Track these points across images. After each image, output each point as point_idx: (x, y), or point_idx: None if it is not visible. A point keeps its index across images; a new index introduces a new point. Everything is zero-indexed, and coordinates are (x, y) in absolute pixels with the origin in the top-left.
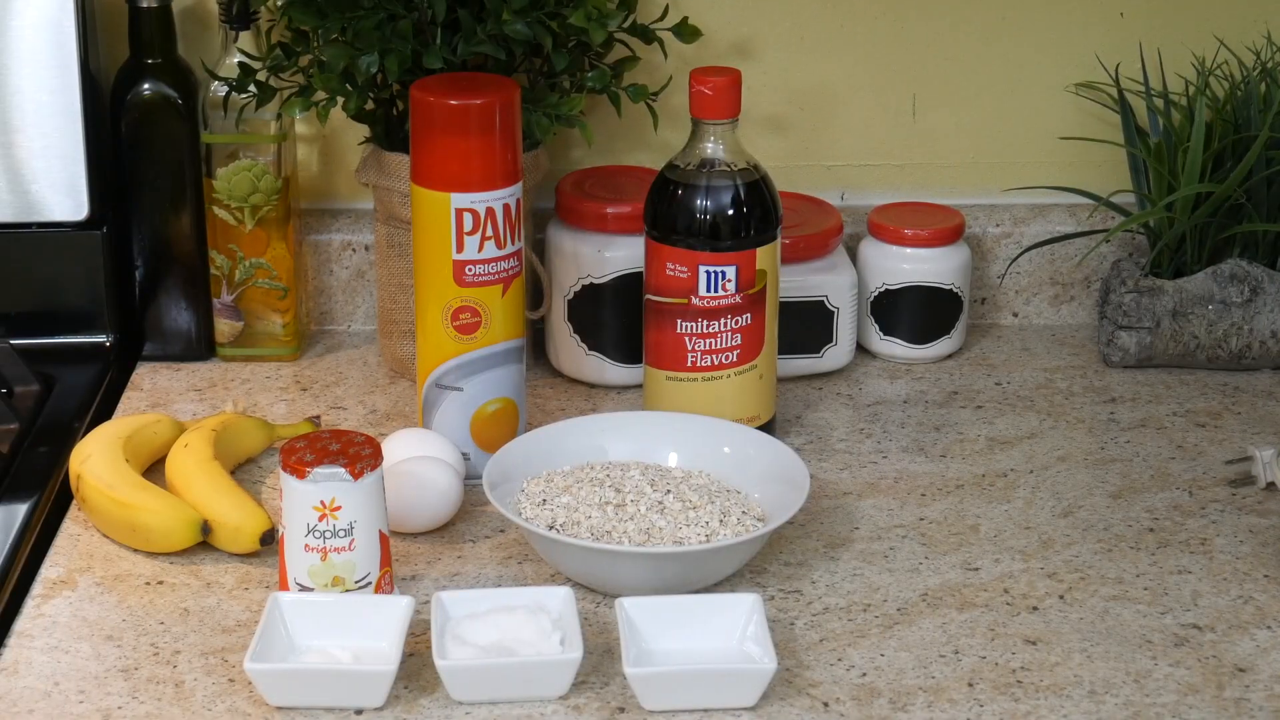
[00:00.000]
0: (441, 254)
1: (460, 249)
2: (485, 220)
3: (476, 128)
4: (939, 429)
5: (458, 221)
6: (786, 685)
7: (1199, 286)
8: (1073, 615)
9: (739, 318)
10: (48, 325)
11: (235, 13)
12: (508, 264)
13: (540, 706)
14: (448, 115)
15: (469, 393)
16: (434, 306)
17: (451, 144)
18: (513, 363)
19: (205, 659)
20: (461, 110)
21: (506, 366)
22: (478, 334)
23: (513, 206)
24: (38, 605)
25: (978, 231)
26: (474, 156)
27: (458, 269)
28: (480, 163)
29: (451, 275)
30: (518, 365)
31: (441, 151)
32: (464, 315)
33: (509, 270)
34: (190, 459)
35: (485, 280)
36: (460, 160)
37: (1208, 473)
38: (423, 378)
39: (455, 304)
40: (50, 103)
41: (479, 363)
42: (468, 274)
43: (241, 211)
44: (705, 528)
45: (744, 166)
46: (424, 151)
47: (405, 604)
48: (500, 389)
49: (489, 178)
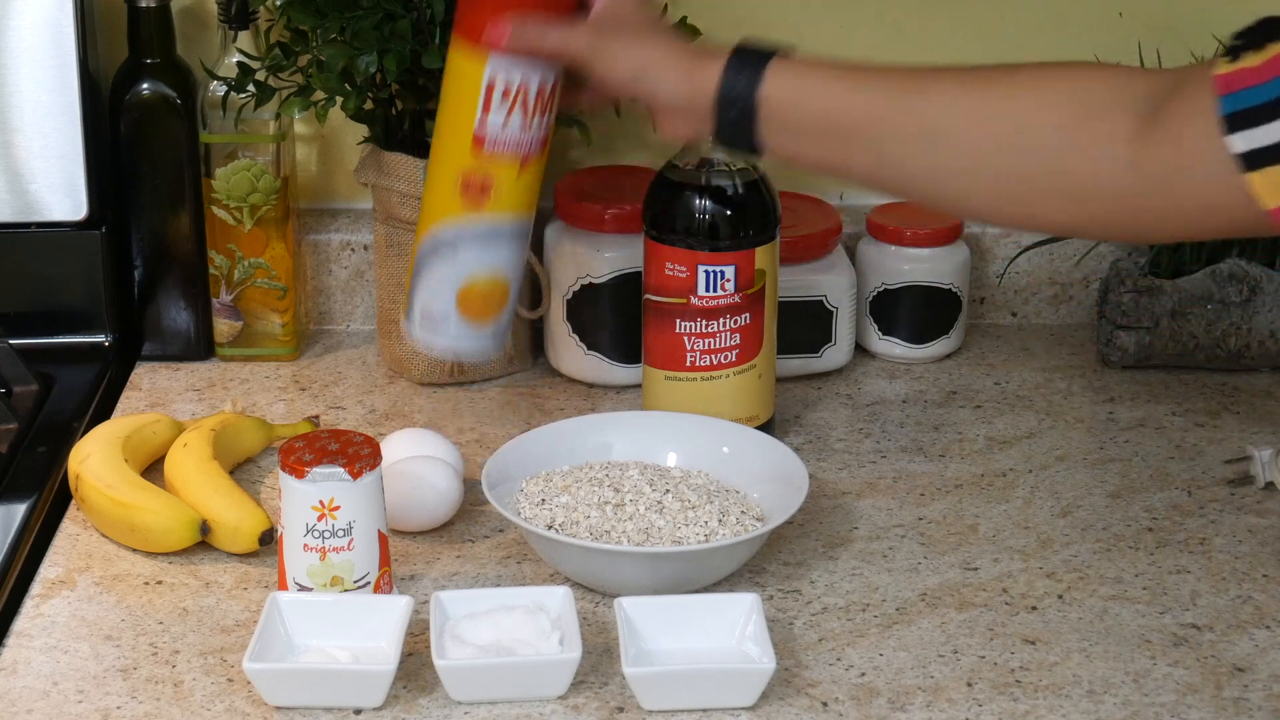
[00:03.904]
0: (465, 117)
1: (485, 116)
2: (517, 93)
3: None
4: (938, 429)
5: (487, 88)
6: (785, 685)
7: (1198, 286)
8: (1071, 615)
9: (738, 317)
10: (47, 325)
11: (234, 12)
12: (530, 144)
13: (539, 706)
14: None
15: (462, 258)
16: (447, 167)
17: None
18: (514, 240)
19: (204, 659)
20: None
21: (507, 243)
22: (484, 204)
23: (547, 85)
24: (37, 605)
25: (976, 231)
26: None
27: (478, 136)
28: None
29: (470, 143)
30: (519, 244)
31: (480, 10)
32: (474, 183)
33: (530, 148)
34: (189, 459)
35: (503, 153)
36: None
37: (1206, 472)
38: (422, 229)
39: (467, 170)
40: (49, 102)
41: (480, 233)
42: (487, 144)
43: (240, 211)
44: (704, 527)
45: (743, 166)
46: (463, 8)
47: (404, 604)
48: (494, 264)
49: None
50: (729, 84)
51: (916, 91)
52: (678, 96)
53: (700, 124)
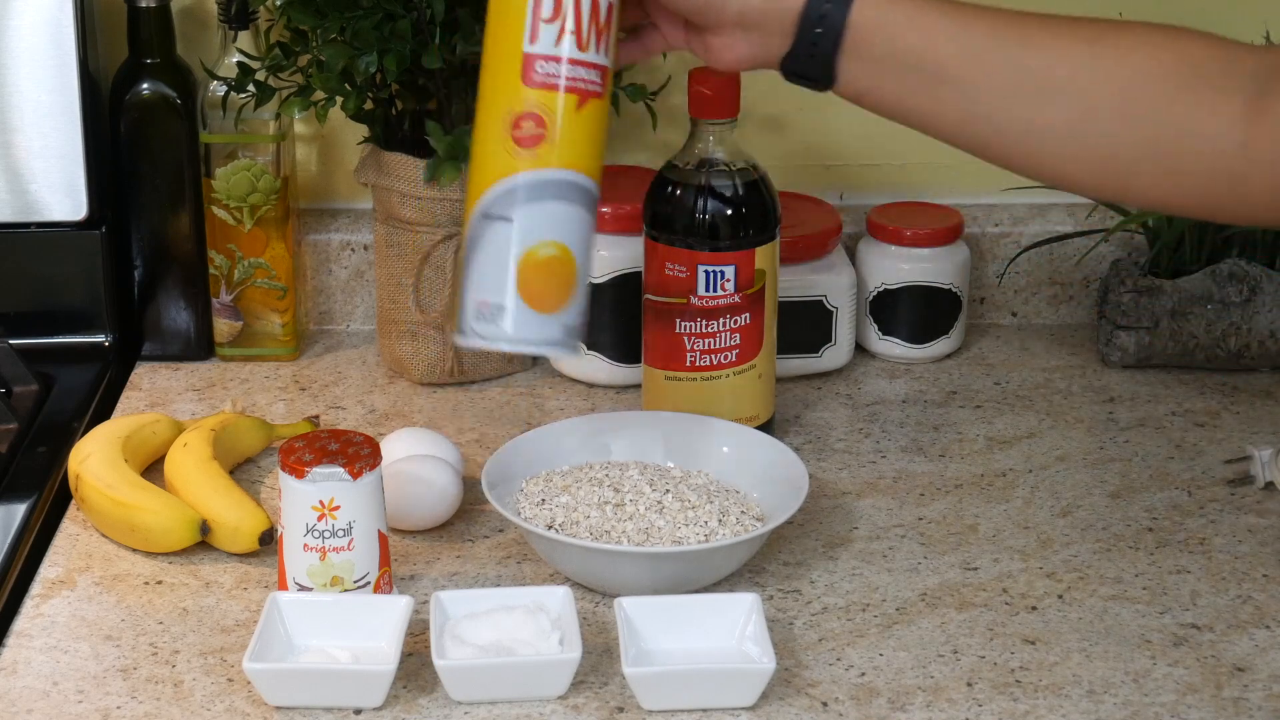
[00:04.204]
0: (512, 43)
1: (534, 39)
2: (570, 6)
3: None
4: (938, 429)
5: (535, 3)
6: (785, 685)
7: (1198, 286)
8: (1071, 615)
9: (738, 317)
10: (47, 325)
11: (234, 12)
12: (587, 73)
13: (539, 706)
14: None
15: (521, 225)
16: (495, 111)
17: None
18: (579, 203)
19: (204, 659)
20: None
21: (572, 205)
22: (540, 150)
23: (603, 7)
24: (37, 605)
25: (976, 231)
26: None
27: (527, 63)
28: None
29: (520, 72)
30: (586, 211)
31: None
32: (527, 124)
33: (589, 81)
34: (189, 459)
35: (558, 83)
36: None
37: (1206, 472)
38: (469, 209)
39: (518, 109)
40: (49, 102)
41: (538, 187)
42: (537, 71)
43: (240, 211)
44: (704, 527)
45: (743, 166)
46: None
47: (404, 604)
48: (559, 230)
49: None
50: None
51: (1020, 40)
52: (754, 5)
53: (772, 42)
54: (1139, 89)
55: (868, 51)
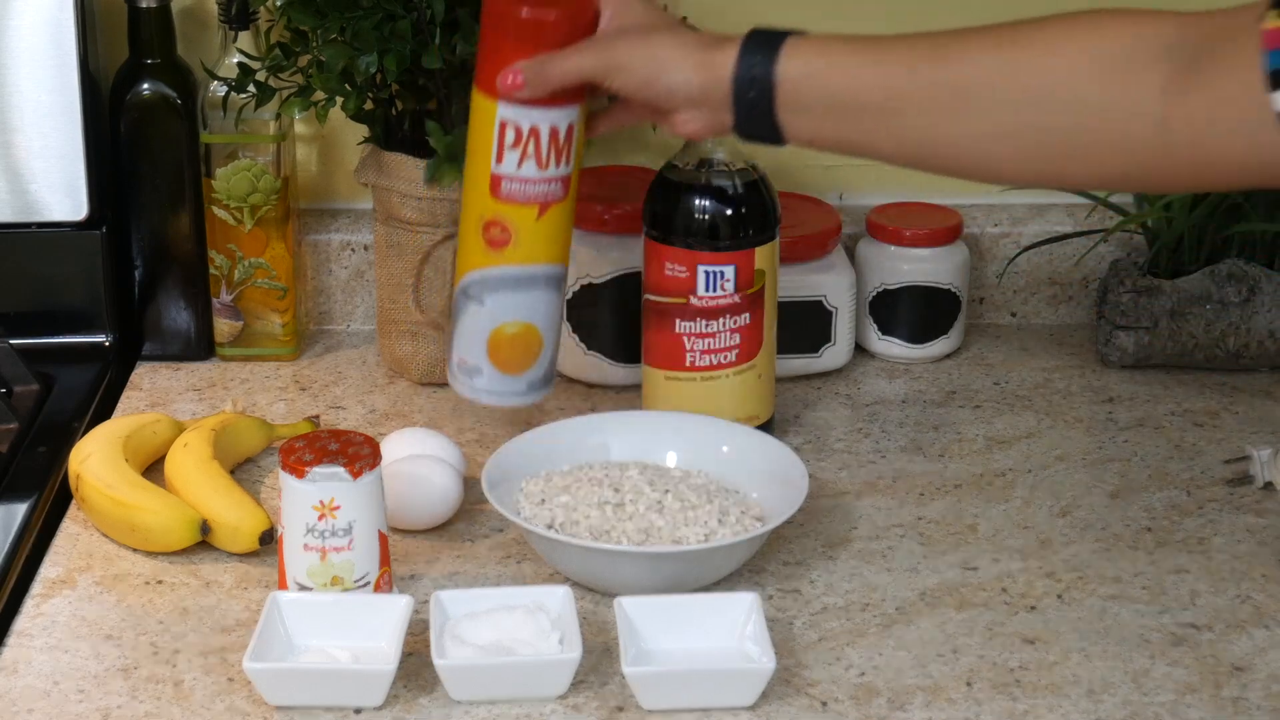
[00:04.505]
0: (483, 163)
1: (499, 161)
2: (528, 137)
3: (533, 40)
4: (937, 429)
5: (500, 133)
6: (785, 685)
7: (1197, 286)
8: (1071, 614)
9: (737, 317)
10: (47, 325)
11: (234, 13)
12: (547, 187)
13: (539, 706)
14: (505, 21)
15: (490, 308)
16: (471, 214)
17: (508, 53)
18: (540, 288)
19: (204, 658)
20: (518, 21)
21: (533, 291)
22: (505, 251)
23: (561, 130)
24: (37, 604)
25: (976, 231)
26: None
27: (494, 182)
28: None
29: (488, 187)
30: (547, 293)
31: (495, 59)
32: (494, 230)
33: (547, 194)
34: (189, 458)
35: (520, 199)
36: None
37: (1205, 472)
38: (454, 281)
39: (487, 216)
40: (49, 103)
41: (503, 280)
42: (503, 189)
43: (240, 211)
44: (704, 527)
45: (742, 166)
46: (483, 54)
47: (404, 603)
48: (522, 312)
49: None
50: (745, 66)
51: (937, 59)
52: (694, 87)
53: (719, 115)
54: (1056, 80)
55: (801, 101)
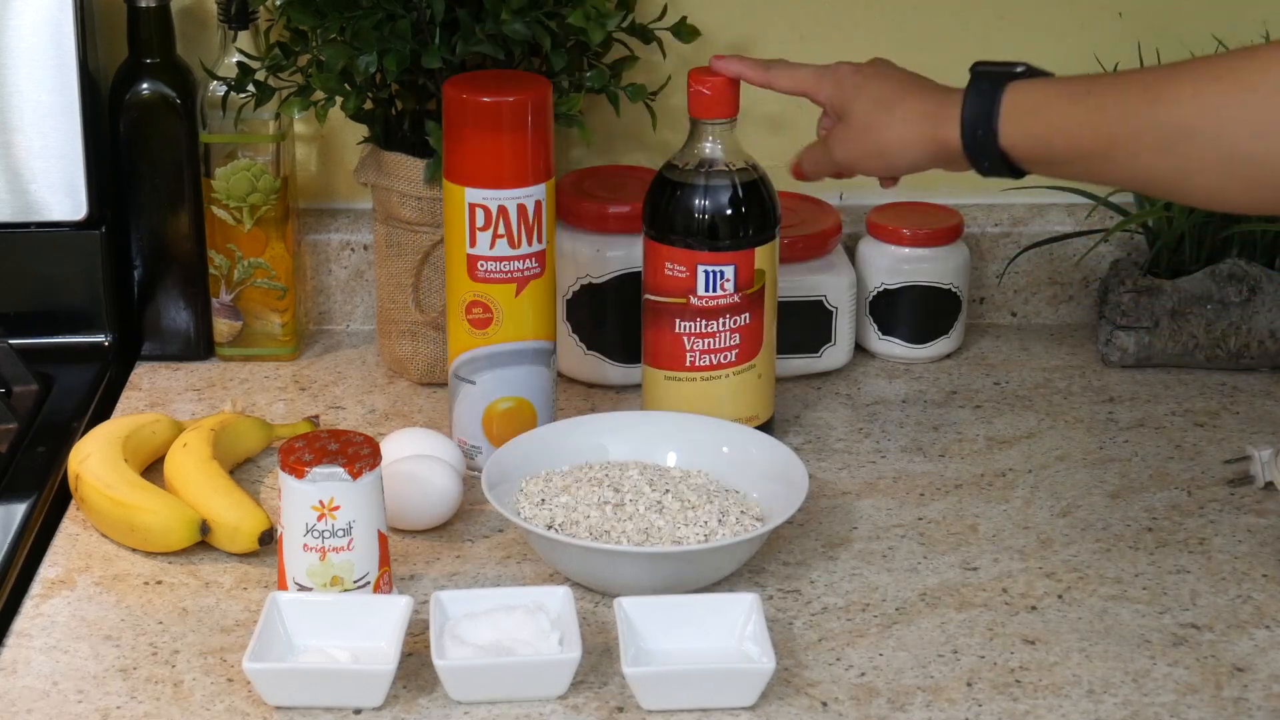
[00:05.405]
0: (459, 247)
1: (473, 244)
2: (497, 218)
3: (490, 125)
4: (937, 429)
5: (470, 216)
6: (785, 685)
7: (1197, 286)
8: (1071, 615)
9: (737, 317)
10: (46, 325)
11: (234, 12)
12: (522, 264)
13: (539, 706)
14: (463, 110)
15: (481, 387)
16: (455, 297)
17: (469, 140)
18: (527, 363)
19: (204, 659)
20: (475, 107)
21: (520, 366)
22: (489, 330)
23: (529, 207)
24: (36, 605)
25: (976, 231)
26: (487, 154)
27: (470, 263)
28: (491, 161)
29: (466, 269)
30: (535, 366)
31: (459, 146)
32: (476, 310)
33: (523, 270)
34: (189, 459)
35: (496, 278)
36: (474, 156)
37: (1206, 472)
38: (449, 364)
39: (469, 298)
40: (49, 102)
41: (491, 359)
42: (479, 270)
43: (240, 211)
44: (704, 527)
45: (742, 166)
46: (448, 144)
47: (404, 603)
48: (511, 388)
49: (498, 176)
50: (969, 141)
51: (1151, 100)
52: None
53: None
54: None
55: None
